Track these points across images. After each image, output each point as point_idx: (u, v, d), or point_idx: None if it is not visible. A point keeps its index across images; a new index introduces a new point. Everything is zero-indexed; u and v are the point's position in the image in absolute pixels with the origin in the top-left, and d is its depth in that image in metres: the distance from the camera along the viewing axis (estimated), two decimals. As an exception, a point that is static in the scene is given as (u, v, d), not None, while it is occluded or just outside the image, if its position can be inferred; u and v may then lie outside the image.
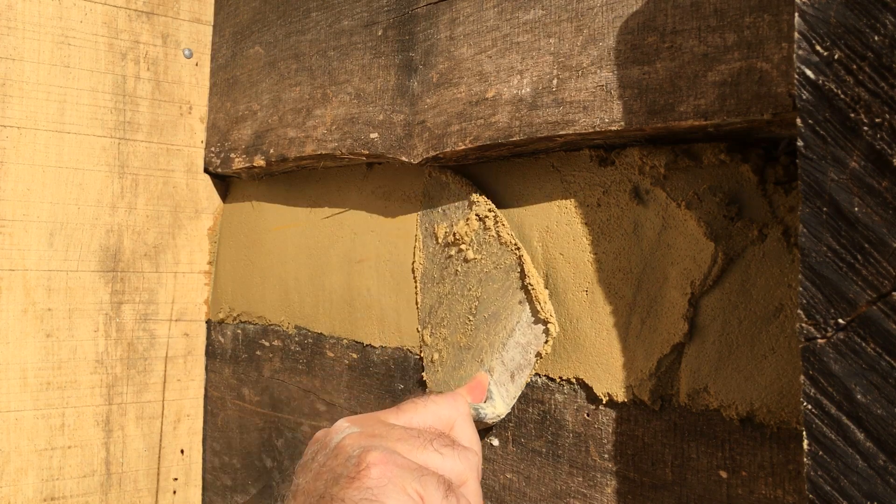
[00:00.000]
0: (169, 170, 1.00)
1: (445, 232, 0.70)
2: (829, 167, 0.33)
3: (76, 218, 0.93)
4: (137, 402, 0.97)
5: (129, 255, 0.97)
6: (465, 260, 0.68)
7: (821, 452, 0.34)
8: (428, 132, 0.67)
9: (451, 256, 0.70)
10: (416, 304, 0.73)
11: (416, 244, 0.74)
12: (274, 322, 0.93)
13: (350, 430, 0.51)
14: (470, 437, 0.55)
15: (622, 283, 0.55)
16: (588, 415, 0.57)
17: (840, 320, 0.33)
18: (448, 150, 0.64)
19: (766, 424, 0.47)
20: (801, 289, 0.34)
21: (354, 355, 0.80)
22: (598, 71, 0.53)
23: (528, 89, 0.58)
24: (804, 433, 0.34)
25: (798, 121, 0.34)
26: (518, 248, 0.63)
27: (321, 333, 0.85)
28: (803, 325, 0.34)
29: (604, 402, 0.56)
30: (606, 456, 0.56)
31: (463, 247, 0.68)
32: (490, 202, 0.65)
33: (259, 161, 0.89)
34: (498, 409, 0.62)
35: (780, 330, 0.47)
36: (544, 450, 0.60)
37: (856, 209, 0.32)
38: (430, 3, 0.68)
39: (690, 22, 0.48)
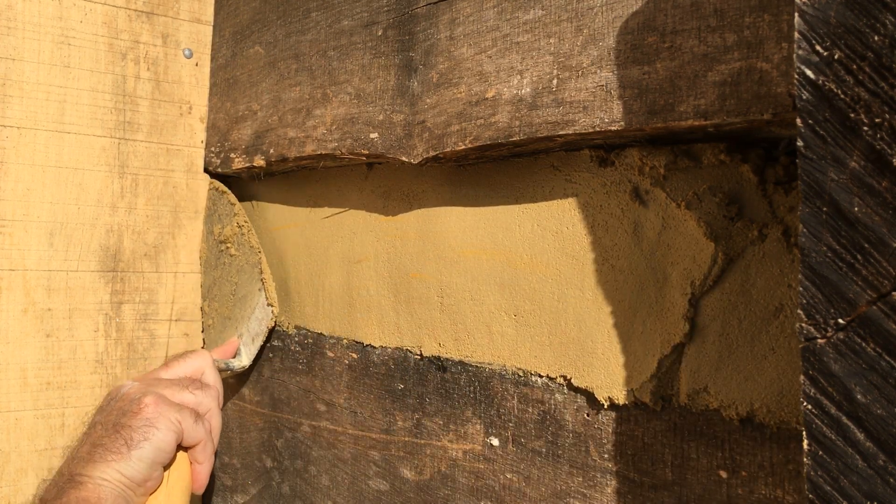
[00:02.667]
0: (169, 170, 1.00)
1: (219, 231, 0.97)
2: (829, 167, 0.33)
3: (76, 218, 0.93)
4: (137, 402, 0.97)
5: (129, 255, 0.97)
6: (230, 255, 0.95)
7: (821, 452, 0.34)
8: (428, 132, 0.67)
9: (222, 251, 0.97)
10: (201, 284, 1.00)
11: (203, 238, 1.00)
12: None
13: (132, 384, 0.76)
14: (214, 379, 0.83)
15: (622, 284, 0.55)
16: (588, 415, 0.57)
17: (840, 320, 0.33)
18: (448, 149, 0.64)
19: (766, 424, 0.47)
20: (801, 289, 0.34)
21: (354, 355, 0.80)
22: (598, 71, 0.53)
23: (528, 89, 0.58)
24: (804, 433, 0.34)
25: (798, 121, 0.34)
26: (260, 252, 0.92)
27: (321, 333, 0.85)
28: (803, 325, 0.34)
29: (604, 402, 0.56)
30: (606, 456, 0.56)
31: (229, 245, 0.95)
32: (245, 216, 0.95)
33: (259, 161, 0.89)
34: (243, 361, 0.92)
35: (780, 330, 0.47)
36: (544, 450, 0.60)
37: (856, 209, 0.32)
38: (430, 3, 0.68)
39: (690, 22, 0.48)
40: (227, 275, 0.95)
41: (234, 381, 0.99)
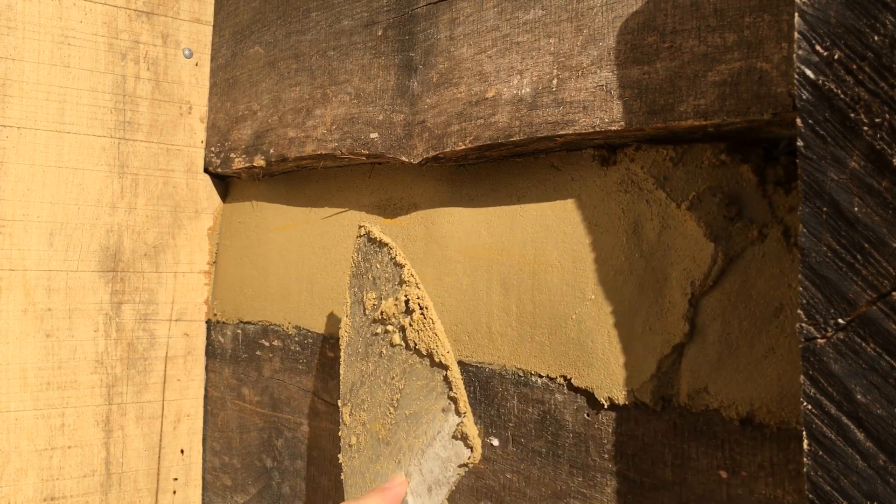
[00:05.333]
0: (169, 170, 1.00)
1: (373, 304, 0.65)
2: (829, 167, 0.33)
3: (76, 218, 0.93)
4: (137, 402, 0.97)
5: (129, 255, 0.97)
6: (392, 344, 0.63)
7: (821, 452, 0.34)
8: (428, 132, 0.67)
9: (377, 334, 0.65)
10: (340, 375, 0.69)
11: (345, 308, 0.69)
12: (274, 322, 0.93)
13: None
14: None
15: (623, 284, 0.55)
16: (588, 415, 0.57)
17: (840, 320, 0.33)
18: (448, 150, 0.64)
19: (766, 424, 0.47)
20: (801, 289, 0.34)
21: (354, 355, 0.80)
22: (598, 71, 0.53)
23: (528, 89, 0.58)
24: (804, 433, 0.34)
25: (798, 121, 0.34)
26: (448, 352, 0.59)
27: (321, 333, 0.85)
28: (803, 325, 0.34)
29: (604, 402, 0.56)
30: (606, 456, 0.56)
31: (389, 327, 0.63)
32: (419, 285, 0.61)
33: (259, 161, 0.89)
34: None
35: (780, 330, 0.47)
36: (544, 450, 0.60)
37: (856, 209, 0.32)
38: (430, 3, 0.68)
39: (690, 22, 0.48)
40: (385, 374, 0.64)
41: (234, 382, 0.99)
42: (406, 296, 0.62)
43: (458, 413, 0.58)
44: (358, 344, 0.67)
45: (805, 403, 0.34)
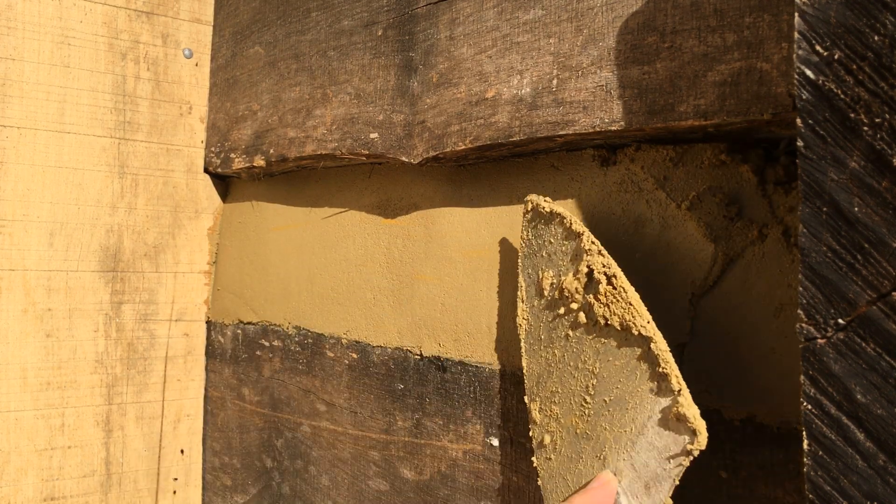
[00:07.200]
0: (169, 170, 1.00)
1: (551, 283, 0.57)
2: (829, 167, 0.33)
3: (76, 218, 0.93)
4: (137, 402, 0.97)
5: (129, 255, 0.97)
6: (578, 323, 0.55)
7: (821, 452, 0.34)
8: (428, 132, 0.67)
9: (559, 315, 0.57)
10: (523, 368, 0.60)
11: (520, 292, 0.60)
12: (274, 322, 0.93)
13: None
14: None
15: (622, 283, 0.55)
16: (588, 415, 0.57)
17: (840, 320, 0.33)
18: (448, 150, 0.64)
19: (767, 424, 0.47)
20: (801, 289, 0.34)
21: (354, 355, 0.80)
22: (598, 71, 0.53)
23: (528, 89, 0.58)
24: (804, 433, 0.34)
25: (798, 121, 0.34)
26: (647, 322, 0.49)
27: (321, 333, 0.85)
28: (803, 325, 0.34)
29: (604, 402, 0.56)
30: (606, 456, 0.56)
31: (574, 306, 0.55)
32: (602, 254, 0.53)
33: (259, 161, 0.89)
34: None
35: (780, 330, 0.47)
36: (544, 450, 0.60)
37: (856, 209, 0.32)
38: (430, 3, 0.68)
39: (690, 22, 0.48)
40: (575, 359, 0.55)
41: (234, 381, 0.99)
42: (588, 266, 0.53)
43: (669, 391, 0.48)
44: (539, 331, 0.59)
45: (805, 403, 0.34)
